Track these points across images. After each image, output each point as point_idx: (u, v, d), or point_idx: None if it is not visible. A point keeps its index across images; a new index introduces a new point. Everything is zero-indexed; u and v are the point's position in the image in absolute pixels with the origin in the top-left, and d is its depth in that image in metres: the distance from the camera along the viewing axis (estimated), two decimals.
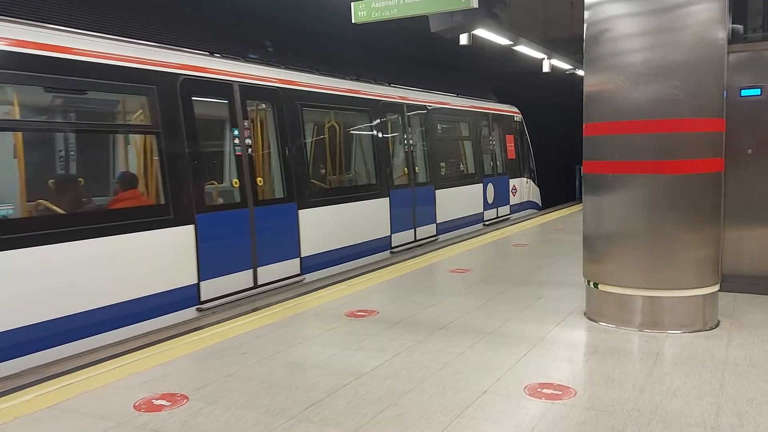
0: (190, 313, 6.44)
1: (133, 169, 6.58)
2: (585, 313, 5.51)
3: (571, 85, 18.23)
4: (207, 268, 6.61)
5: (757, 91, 6.19)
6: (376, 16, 6.65)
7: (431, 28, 7.76)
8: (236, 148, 7.19)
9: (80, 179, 6.51)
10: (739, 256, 6.23)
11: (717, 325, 5.09)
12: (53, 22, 5.73)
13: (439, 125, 12.28)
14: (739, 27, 6.64)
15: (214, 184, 7.33)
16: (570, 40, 12.46)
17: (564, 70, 15.46)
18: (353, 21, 6.86)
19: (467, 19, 7.36)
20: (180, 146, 6.47)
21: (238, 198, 7.18)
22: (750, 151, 6.20)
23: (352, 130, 10.08)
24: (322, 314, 5.85)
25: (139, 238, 5.94)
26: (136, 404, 3.79)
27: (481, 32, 9.43)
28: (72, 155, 6.29)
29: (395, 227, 10.24)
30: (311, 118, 9.03)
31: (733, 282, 5.94)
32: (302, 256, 8.00)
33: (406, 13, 6.53)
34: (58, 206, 5.66)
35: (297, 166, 8.10)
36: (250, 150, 7.34)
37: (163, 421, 3.54)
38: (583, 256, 5.51)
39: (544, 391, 3.86)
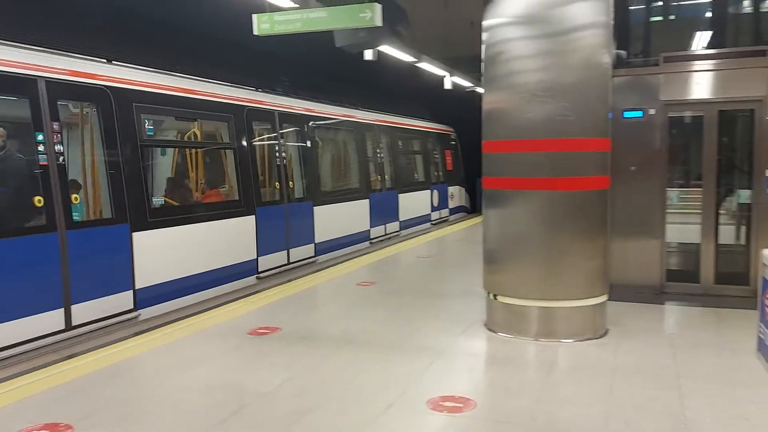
0: (252, 280, 8.70)
1: (219, 174, 8.99)
2: (485, 324, 5.67)
3: (472, 102, 19.06)
4: (262, 247, 8.88)
5: (639, 113, 6.66)
6: (279, 30, 6.56)
7: (336, 43, 7.79)
8: (276, 159, 9.52)
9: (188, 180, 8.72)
10: (625, 267, 6.65)
11: (606, 333, 5.38)
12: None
13: (401, 142, 14.95)
14: (623, 52, 7.12)
15: (265, 185, 9.40)
16: (470, 58, 12.88)
17: (465, 88, 15.95)
18: (255, 32, 6.75)
19: (372, 35, 7.45)
20: (246, 158, 8.70)
21: (278, 196, 9.42)
22: (633, 168, 6.65)
23: (346, 145, 12.45)
24: (223, 333, 5.66)
25: (224, 224, 8.19)
26: None
27: (386, 49, 9.56)
28: (186, 164, 8.58)
29: (373, 223, 12.77)
30: (320, 135, 11.31)
31: (620, 291, 6.31)
32: (316, 242, 10.34)
33: (310, 27, 6.50)
34: (172, 200, 7.96)
35: (313, 172, 10.56)
36: (284, 161, 9.69)
37: None
38: (483, 269, 5.68)
39: (446, 404, 3.91)
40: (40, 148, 5.77)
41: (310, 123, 10.74)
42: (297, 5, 7.03)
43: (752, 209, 6.52)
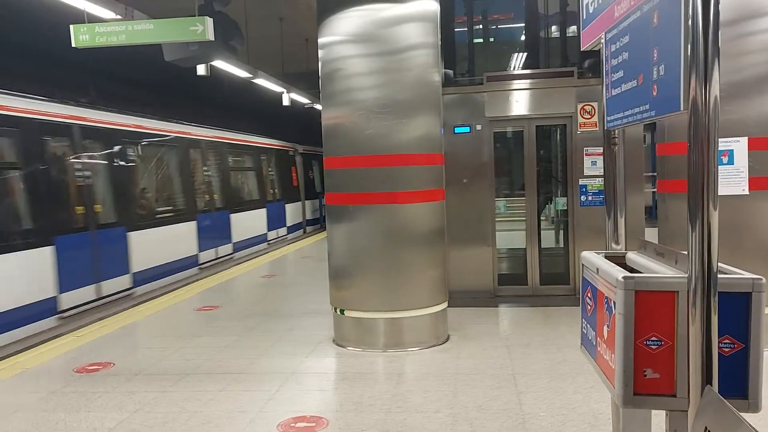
0: (53, 321, 7.44)
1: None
2: (334, 340, 5.65)
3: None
4: (65, 282, 7.68)
5: (467, 129, 7.08)
6: (100, 42, 6.08)
7: (165, 57, 7.40)
8: (78, 180, 8.34)
9: None
10: (462, 274, 7.00)
11: (448, 339, 5.60)
12: None
13: (232, 159, 14.54)
14: (450, 71, 7.55)
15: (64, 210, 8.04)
16: (307, 75, 12.96)
17: (303, 104, 15.98)
18: (73, 45, 6.20)
19: (204, 49, 7.17)
20: (38, 180, 7.50)
21: (83, 222, 8.22)
22: (465, 180, 7.04)
23: (170, 163, 11.38)
24: (44, 373, 5.08)
25: (10, 258, 6.92)
26: None
27: (220, 64, 9.28)
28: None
29: (202, 246, 11.88)
30: (136, 152, 10.25)
31: (459, 297, 6.63)
32: (133, 271, 9.16)
33: (135, 40, 6.09)
34: None
35: (127, 194, 9.59)
36: (88, 182, 8.48)
37: None
38: (329, 285, 5.66)
39: (298, 425, 3.83)
40: None
41: (123, 138, 9.57)
42: (120, 17, 6.59)
43: (569, 215, 7.19)
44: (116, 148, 9.43)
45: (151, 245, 9.77)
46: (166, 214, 10.90)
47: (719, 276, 1.85)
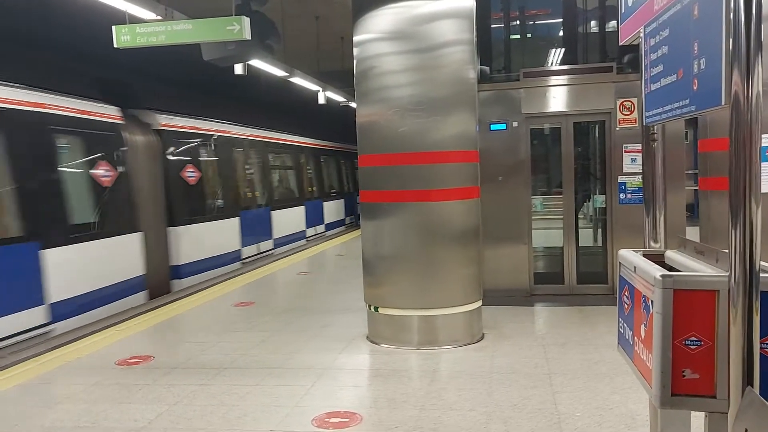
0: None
1: None
2: (368, 337, 5.68)
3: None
4: None
5: (503, 126, 7.02)
6: (141, 42, 6.22)
7: (204, 57, 7.52)
8: None
9: None
10: (497, 272, 6.95)
11: (482, 338, 5.57)
12: None
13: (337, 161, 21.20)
14: (486, 68, 7.49)
15: None
16: (342, 73, 13.01)
17: (338, 103, 16.06)
18: (115, 45, 6.36)
19: (241, 49, 7.27)
20: None
21: None
22: (501, 178, 6.99)
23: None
24: (87, 366, 5.23)
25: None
26: None
27: (257, 63, 9.39)
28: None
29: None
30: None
31: (494, 296, 6.59)
32: (325, 223, 16.70)
33: (174, 40, 6.22)
34: None
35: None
36: None
37: None
38: (363, 282, 5.69)
39: (332, 420, 3.86)
40: None
41: (325, 155, 17.98)
42: (160, 17, 6.73)
43: (607, 213, 7.07)
44: (323, 160, 17.92)
45: (330, 210, 18.00)
46: (334, 193, 19.01)
47: (761, 275, 1.81)
